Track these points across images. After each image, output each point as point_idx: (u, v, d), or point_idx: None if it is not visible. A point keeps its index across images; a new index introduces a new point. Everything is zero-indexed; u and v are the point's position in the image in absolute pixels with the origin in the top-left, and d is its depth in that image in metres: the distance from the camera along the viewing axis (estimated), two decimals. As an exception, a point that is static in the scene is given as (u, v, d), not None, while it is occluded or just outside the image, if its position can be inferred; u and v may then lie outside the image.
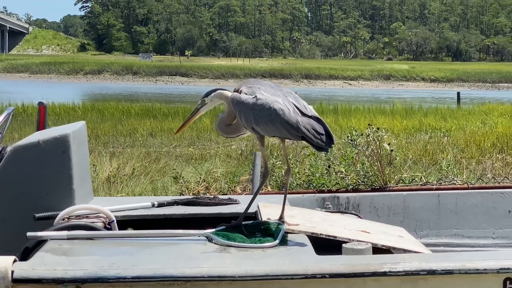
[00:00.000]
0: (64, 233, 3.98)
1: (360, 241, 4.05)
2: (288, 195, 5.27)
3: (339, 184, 6.79)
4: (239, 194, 7.51)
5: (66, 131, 4.61)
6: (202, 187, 9.23)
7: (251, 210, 4.63)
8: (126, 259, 3.65)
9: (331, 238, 4.14)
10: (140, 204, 4.88)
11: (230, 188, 9.18)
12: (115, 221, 4.43)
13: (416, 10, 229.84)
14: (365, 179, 6.81)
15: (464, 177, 9.46)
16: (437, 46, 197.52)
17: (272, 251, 3.83)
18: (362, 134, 7.03)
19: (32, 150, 4.56)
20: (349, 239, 4.09)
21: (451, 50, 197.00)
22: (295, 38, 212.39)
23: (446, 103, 42.34)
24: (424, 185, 6.18)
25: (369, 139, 6.85)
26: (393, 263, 3.56)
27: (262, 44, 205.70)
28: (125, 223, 4.60)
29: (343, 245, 3.97)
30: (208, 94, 4.40)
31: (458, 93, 42.79)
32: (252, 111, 4.10)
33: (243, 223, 4.22)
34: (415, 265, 3.56)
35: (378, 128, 7.05)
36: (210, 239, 4.00)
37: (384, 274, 3.52)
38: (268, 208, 4.62)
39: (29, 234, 3.96)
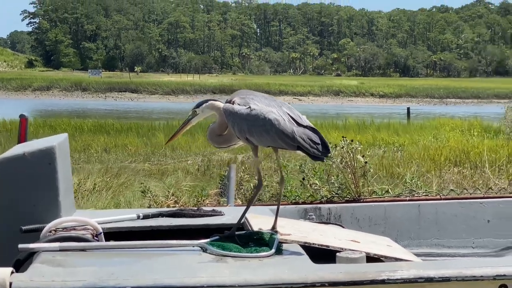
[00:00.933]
0: (57, 244, 3.94)
1: (353, 250, 4.07)
2: (269, 207, 5.28)
3: (313, 196, 6.79)
4: (215, 206, 7.49)
5: (52, 143, 4.56)
6: (171, 201, 9.19)
7: (236, 221, 4.64)
8: (124, 270, 3.62)
9: (323, 247, 4.15)
10: (126, 216, 4.84)
11: (199, 201, 9.16)
12: (102, 233, 4.39)
13: (364, 27, 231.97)
14: (339, 191, 6.84)
15: (434, 188, 9.55)
16: (385, 62, 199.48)
17: (268, 261, 3.83)
18: (336, 146, 7.06)
19: (18, 162, 4.49)
20: (342, 248, 4.11)
21: (399, 66, 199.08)
22: (244, 54, 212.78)
23: (396, 118, 42.75)
24: (397, 196, 6.23)
25: (343, 151, 6.88)
26: (391, 271, 3.58)
27: (212, 60, 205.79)
28: (112, 235, 4.55)
29: (337, 254, 3.97)
30: (199, 104, 4.39)
31: (408, 109, 43.27)
32: (246, 122, 4.10)
33: (236, 233, 4.21)
34: (412, 272, 3.58)
35: (352, 140, 7.09)
36: (204, 249, 3.99)
37: (382, 282, 3.54)
38: (257, 219, 4.61)
39: (20, 246, 3.91)
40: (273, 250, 3.94)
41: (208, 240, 4.09)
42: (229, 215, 4.95)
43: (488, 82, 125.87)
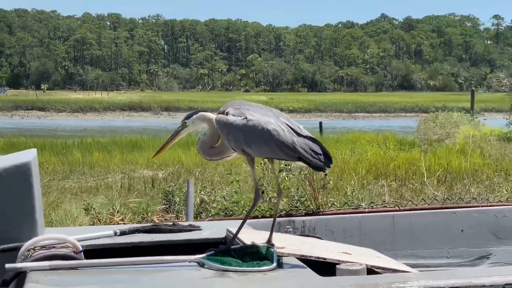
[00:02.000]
0: (46, 263, 3.75)
1: (351, 262, 3.98)
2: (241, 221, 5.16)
3: (272, 210, 6.70)
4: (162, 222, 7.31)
5: (27, 158, 4.34)
6: (118, 218, 8.96)
7: (218, 235, 4.54)
8: (127, 287, 3.46)
9: (320, 260, 4.06)
10: (103, 233, 4.65)
11: (144, 218, 8.97)
12: (82, 251, 4.20)
13: (271, 42, 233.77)
14: (298, 204, 6.76)
15: (383, 200, 9.55)
16: (293, 77, 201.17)
17: (273, 274, 3.74)
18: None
19: None
20: (339, 261, 4.02)
21: (306, 81, 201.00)
22: (152, 70, 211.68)
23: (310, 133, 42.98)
24: (356, 208, 6.18)
25: (301, 164, 6.79)
26: (401, 282, 3.52)
27: (119, 77, 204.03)
28: (91, 252, 4.36)
29: (337, 266, 3.89)
30: (189, 116, 4.26)
31: (320, 123, 43.65)
32: (243, 133, 3.97)
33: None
34: (422, 283, 3.53)
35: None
36: (201, 264, 3.86)
37: None
38: (244, 233, 4.48)
39: (7, 266, 3.73)
40: (274, 264, 3.84)
41: (204, 255, 3.95)
42: (208, 229, 4.83)
43: (394, 96, 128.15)
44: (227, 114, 4.09)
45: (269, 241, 4.17)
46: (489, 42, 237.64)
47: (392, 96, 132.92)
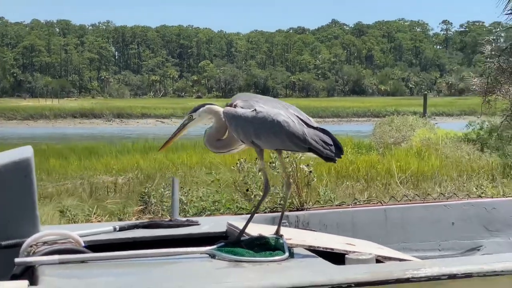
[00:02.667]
0: (56, 257, 3.72)
1: (359, 252, 4.02)
2: (237, 216, 5.19)
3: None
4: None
5: (26, 154, 4.30)
6: (95, 219, 8.92)
7: (218, 229, 4.57)
8: (142, 280, 3.45)
9: (328, 250, 4.09)
10: (103, 229, 4.64)
11: (121, 219, 8.95)
12: (85, 246, 4.18)
13: (223, 48, 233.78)
14: (281, 201, 6.78)
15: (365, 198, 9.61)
16: (245, 83, 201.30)
17: (287, 264, 3.76)
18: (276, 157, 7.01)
19: None
20: (346, 251, 4.06)
21: (258, 87, 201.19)
22: (103, 77, 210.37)
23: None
24: (339, 205, 6.23)
25: (286, 161, 6.83)
26: (415, 269, 3.57)
27: (70, 84, 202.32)
28: (93, 247, 4.34)
29: (347, 256, 3.92)
30: (196, 109, 4.26)
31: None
32: (252, 124, 3.98)
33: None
34: (435, 270, 3.57)
35: (296, 150, 7.04)
36: (212, 256, 3.86)
37: (407, 280, 3.52)
38: (249, 226, 4.49)
39: (17, 260, 3.71)
40: (287, 254, 3.86)
41: (215, 246, 3.95)
42: (207, 224, 4.85)
43: (345, 101, 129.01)
44: (235, 106, 4.10)
45: (277, 232, 4.19)
46: (438, 47, 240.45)
47: (344, 101, 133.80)
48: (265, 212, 5.86)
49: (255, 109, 4.03)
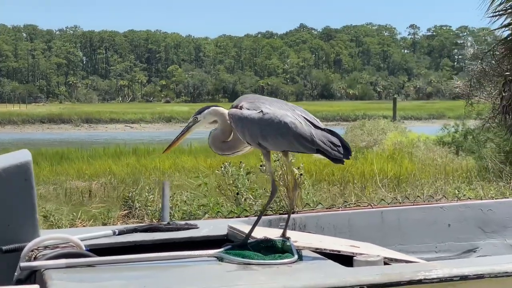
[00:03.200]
0: (63, 261, 3.65)
1: (366, 254, 3.99)
2: (236, 219, 5.14)
3: (247, 211, 6.67)
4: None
5: (27, 158, 4.23)
6: (80, 225, 8.83)
7: (219, 232, 4.53)
8: (154, 283, 3.41)
9: (334, 252, 4.06)
10: (102, 233, 4.58)
11: (105, 223, 8.88)
12: (88, 250, 4.12)
13: (191, 53, 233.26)
14: (273, 205, 6.74)
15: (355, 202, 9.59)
16: (213, 88, 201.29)
17: (297, 266, 3.74)
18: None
19: None
20: (353, 253, 4.03)
21: (227, 91, 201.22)
22: (71, 82, 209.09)
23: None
24: (329, 208, 6.20)
25: (276, 164, 6.79)
26: (426, 271, 3.56)
27: (37, 89, 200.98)
28: (94, 251, 4.27)
29: (355, 258, 3.90)
30: (201, 111, 4.21)
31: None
32: (259, 126, 3.94)
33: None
34: (447, 271, 3.56)
35: (286, 152, 7.00)
36: (220, 259, 3.82)
37: (419, 282, 3.51)
38: (248, 229, 4.45)
39: (22, 264, 3.66)
40: (296, 256, 3.82)
41: (222, 249, 3.91)
42: (206, 227, 4.81)
43: (314, 106, 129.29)
44: (241, 108, 4.06)
45: (283, 235, 4.15)
46: (406, 51, 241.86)
47: (312, 105, 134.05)
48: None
49: (262, 111, 3.99)
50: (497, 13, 11.20)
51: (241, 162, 7.58)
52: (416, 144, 29.88)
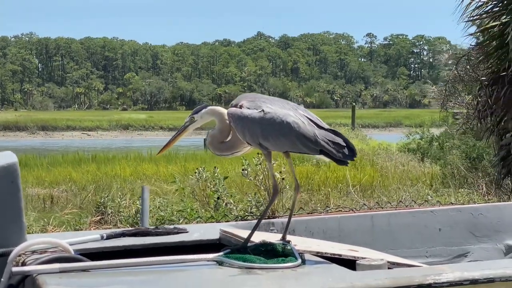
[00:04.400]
0: (57, 266, 3.50)
1: (368, 258, 3.89)
2: (225, 224, 5.03)
3: (227, 216, 6.54)
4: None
5: (12, 159, 4.06)
6: (51, 230, 8.64)
7: (210, 236, 4.40)
8: (154, 287, 3.26)
9: (336, 256, 3.95)
10: (90, 237, 4.42)
11: (77, 229, 8.70)
12: (79, 254, 3.97)
13: (149, 61, 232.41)
14: (252, 209, 6.63)
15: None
16: (171, 96, 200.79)
17: (302, 270, 3.63)
18: (248, 164, 6.85)
19: None
20: (355, 257, 3.93)
21: (184, 99, 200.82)
22: (26, 90, 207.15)
23: (193, 149, 43.04)
24: (310, 213, 6.12)
25: (257, 168, 6.68)
26: (436, 275, 3.47)
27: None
28: (84, 256, 4.12)
29: (358, 262, 3.80)
30: (198, 110, 4.07)
31: (204, 139, 43.61)
32: (260, 126, 3.81)
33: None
34: (457, 275, 3.48)
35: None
36: (220, 263, 3.70)
37: (429, 286, 3.42)
38: (243, 233, 4.33)
39: (14, 269, 3.50)
40: (299, 260, 3.70)
41: (221, 253, 3.78)
42: (196, 232, 4.67)
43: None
44: (240, 107, 3.92)
45: (283, 238, 4.03)
46: (363, 59, 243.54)
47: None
48: (241, 220, 5.71)
49: (263, 110, 3.87)
50: (471, 18, 11.23)
51: (215, 167, 7.43)
52: (377, 151, 29.96)
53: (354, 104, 76.18)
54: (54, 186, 21.82)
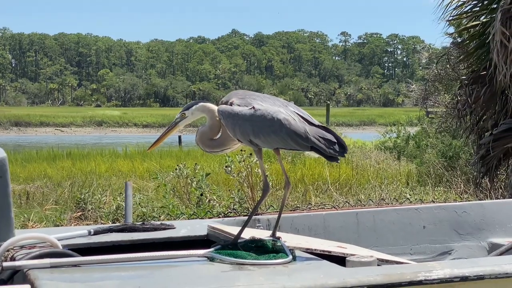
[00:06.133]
0: (47, 261, 3.48)
1: (357, 255, 3.90)
2: (211, 220, 5.03)
3: (210, 212, 6.53)
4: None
5: (0, 154, 4.03)
6: (32, 226, 8.58)
7: (198, 233, 4.40)
8: (150, 283, 3.28)
9: (325, 253, 3.96)
10: (78, 232, 4.41)
11: (57, 225, 8.66)
12: (68, 249, 3.95)
13: (123, 57, 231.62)
14: (235, 206, 6.62)
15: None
16: (145, 92, 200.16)
17: (293, 267, 3.64)
18: (232, 161, 6.84)
19: None
20: (345, 254, 3.94)
21: (158, 96, 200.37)
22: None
23: (168, 146, 42.97)
24: (293, 210, 6.13)
25: (241, 165, 6.67)
26: (427, 271, 3.50)
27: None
28: (72, 251, 4.11)
29: (348, 258, 3.81)
30: (189, 106, 4.05)
31: (180, 136, 43.50)
32: (250, 123, 3.81)
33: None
34: (448, 272, 3.50)
35: (251, 154, 6.89)
36: (211, 259, 3.70)
37: (419, 282, 3.44)
38: (236, 229, 4.31)
39: (5, 264, 3.49)
40: (291, 256, 3.71)
41: (212, 249, 3.78)
42: (183, 228, 4.67)
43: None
44: (231, 104, 3.91)
45: (273, 234, 4.03)
46: (337, 58, 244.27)
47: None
48: (223, 216, 5.69)
49: (253, 107, 3.86)
50: (451, 18, 11.29)
51: (196, 164, 7.41)
52: (352, 150, 30.03)
53: (328, 102, 76.31)
54: (29, 182, 21.70)
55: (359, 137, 42.28)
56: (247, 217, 5.24)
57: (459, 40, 12.47)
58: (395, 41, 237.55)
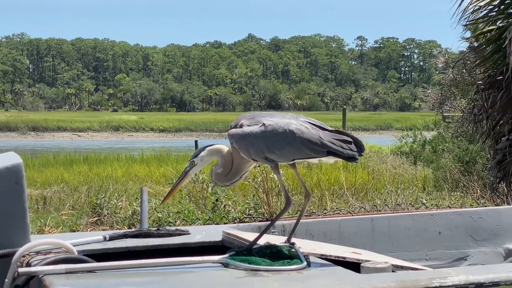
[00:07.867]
0: (63, 267, 3.49)
1: (372, 261, 3.90)
2: (226, 225, 5.04)
3: (225, 218, 6.54)
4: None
5: (17, 160, 4.05)
6: (49, 231, 8.63)
7: (213, 238, 4.41)
8: None
9: (340, 259, 3.96)
10: (93, 238, 4.43)
11: (74, 230, 8.70)
12: (83, 255, 3.98)
13: (139, 62, 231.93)
14: (251, 211, 6.63)
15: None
16: (161, 97, 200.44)
17: (308, 273, 3.65)
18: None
19: None
20: (359, 260, 3.95)
21: (175, 101, 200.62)
22: (17, 90, 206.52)
23: (185, 151, 43.11)
24: (309, 215, 6.12)
25: (256, 171, 6.68)
26: (441, 278, 3.48)
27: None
28: (87, 257, 4.13)
29: (363, 264, 3.81)
30: (196, 154, 4.08)
31: (196, 141, 43.63)
32: (263, 139, 3.81)
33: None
34: (462, 278, 3.48)
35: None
36: (226, 265, 3.70)
37: None
38: (252, 235, 4.33)
39: (21, 270, 3.50)
40: (305, 263, 3.71)
41: (227, 255, 3.79)
42: (198, 234, 4.69)
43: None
44: (241, 126, 3.91)
45: (288, 241, 4.04)
46: (353, 62, 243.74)
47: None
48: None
49: (263, 124, 3.87)
50: (469, 23, 11.27)
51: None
52: (369, 154, 29.97)
53: (344, 106, 76.18)
54: (46, 187, 21.79)
55: (375, 142, 42.19)
56: (262, 223, 5.27)
57: (475, 44, 12.42)
58: (412, 46, 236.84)
